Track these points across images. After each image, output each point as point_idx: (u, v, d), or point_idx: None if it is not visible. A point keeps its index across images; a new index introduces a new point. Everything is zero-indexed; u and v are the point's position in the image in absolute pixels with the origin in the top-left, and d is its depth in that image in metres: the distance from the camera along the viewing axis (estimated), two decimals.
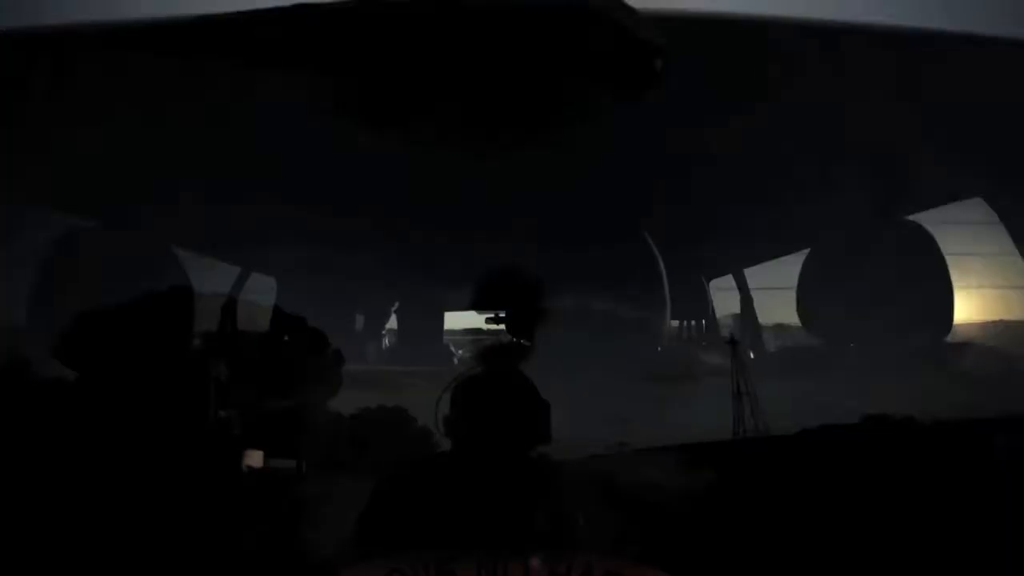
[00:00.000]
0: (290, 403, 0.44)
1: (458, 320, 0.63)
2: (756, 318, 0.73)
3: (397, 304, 0.67)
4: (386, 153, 0.48)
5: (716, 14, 0.48)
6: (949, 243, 0.58)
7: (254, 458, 0.41)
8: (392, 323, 0.69)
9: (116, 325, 0.43)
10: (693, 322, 0.74)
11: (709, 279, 0.77)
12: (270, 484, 0.42)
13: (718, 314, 0.76)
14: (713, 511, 0.43)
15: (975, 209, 0.58)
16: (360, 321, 0.68)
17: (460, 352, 0.59)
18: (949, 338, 0.59)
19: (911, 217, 0.61)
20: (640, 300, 0.56)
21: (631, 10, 0.36)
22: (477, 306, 0.55)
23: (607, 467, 0.43)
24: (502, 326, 0.52)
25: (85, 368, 0.42)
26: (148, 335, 0.44)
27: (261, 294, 0.55)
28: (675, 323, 0.67)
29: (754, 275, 0.76)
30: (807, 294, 0.63)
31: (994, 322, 0.62)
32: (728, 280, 0.78)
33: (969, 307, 0.59)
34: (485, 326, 0.55)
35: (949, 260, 0.57)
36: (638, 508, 0.43)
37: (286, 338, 0.48)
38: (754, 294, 0.76)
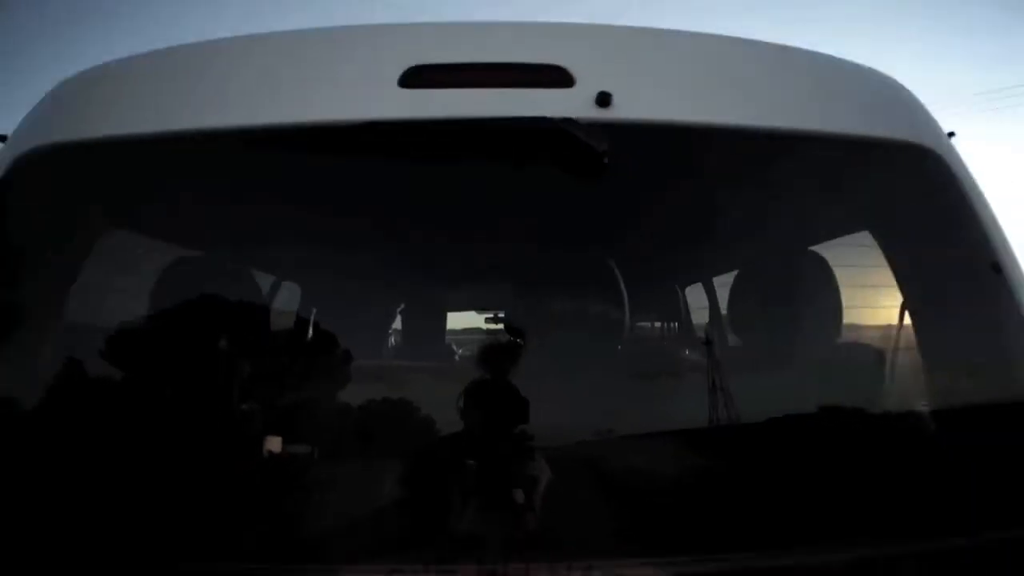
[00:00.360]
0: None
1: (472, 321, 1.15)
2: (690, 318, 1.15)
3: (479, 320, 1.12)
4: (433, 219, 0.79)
5: (648, 122, 0.70)
6: (837, 267, 0.86)
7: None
8: (450, 322, 1.31)
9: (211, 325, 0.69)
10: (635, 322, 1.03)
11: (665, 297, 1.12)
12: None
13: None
14: (661, 454, 0.64)
15: (859, 242, 0.84)
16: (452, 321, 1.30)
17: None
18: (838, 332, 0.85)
19: (812, 248, 0.91)
20: (602, 308, 0.86)
21: (581, 125, 0.63)
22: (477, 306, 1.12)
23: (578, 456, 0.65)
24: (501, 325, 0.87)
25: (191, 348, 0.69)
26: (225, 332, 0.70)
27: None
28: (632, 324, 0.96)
29: (721, 284, 1.06)
30: (736, 304, 0.95)
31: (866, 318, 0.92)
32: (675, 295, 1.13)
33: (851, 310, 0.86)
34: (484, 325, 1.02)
35: (837, 273, 0.85)
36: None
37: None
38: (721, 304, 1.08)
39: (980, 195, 0.75)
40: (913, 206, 0.77)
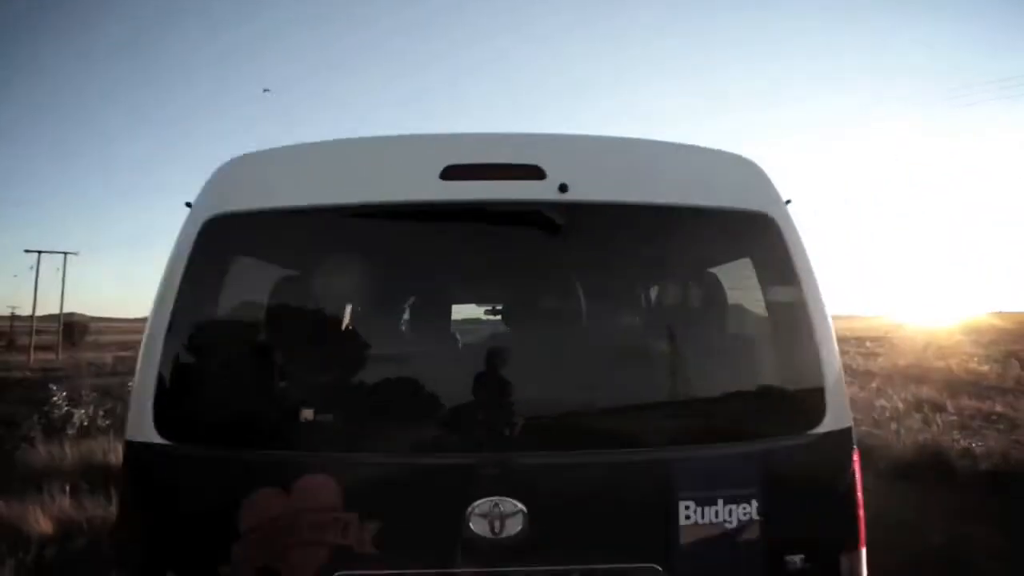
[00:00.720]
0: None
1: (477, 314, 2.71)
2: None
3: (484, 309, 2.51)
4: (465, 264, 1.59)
5: (590, 201, 1.20)
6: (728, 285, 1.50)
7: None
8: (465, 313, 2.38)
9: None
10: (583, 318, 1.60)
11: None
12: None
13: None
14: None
15: (739, 268, 1.41)
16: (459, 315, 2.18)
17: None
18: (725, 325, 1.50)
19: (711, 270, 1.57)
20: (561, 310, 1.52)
21: (547, 205, 1.22)
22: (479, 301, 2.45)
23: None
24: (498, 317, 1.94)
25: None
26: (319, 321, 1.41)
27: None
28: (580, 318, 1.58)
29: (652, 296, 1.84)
30: (657, 311, 1.73)
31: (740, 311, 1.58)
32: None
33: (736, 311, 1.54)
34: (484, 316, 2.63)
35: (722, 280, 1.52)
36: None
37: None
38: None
39: (799, 244, 1.26)
40: (756, 249, 1.33)
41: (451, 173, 1.21)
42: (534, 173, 1.21)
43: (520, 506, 1.09)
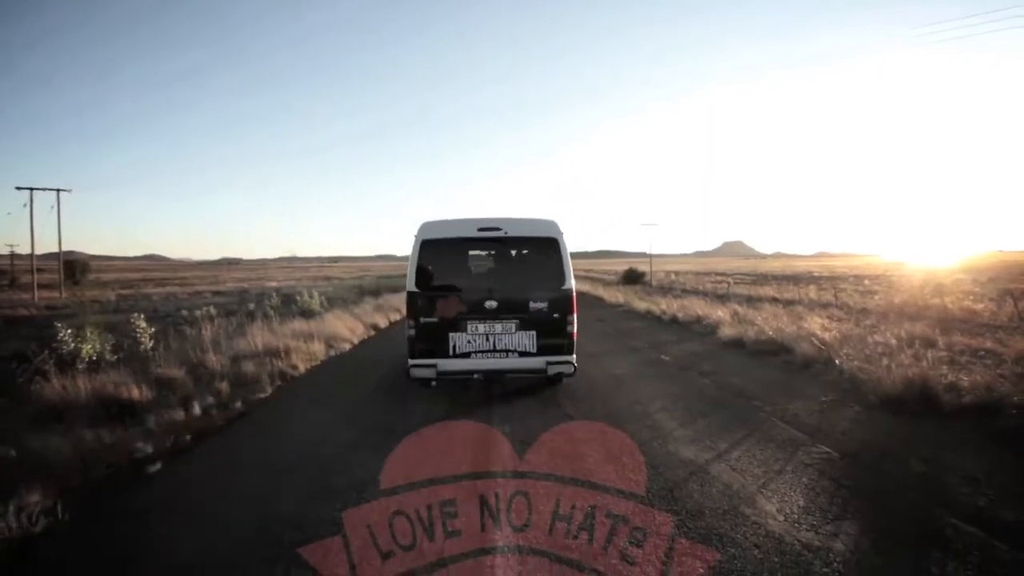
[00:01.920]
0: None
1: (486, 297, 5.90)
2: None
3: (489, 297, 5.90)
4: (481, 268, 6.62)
5: (510, 237, 5.98)
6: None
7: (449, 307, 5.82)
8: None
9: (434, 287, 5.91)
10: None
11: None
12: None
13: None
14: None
15: (547, 258, 6.02)
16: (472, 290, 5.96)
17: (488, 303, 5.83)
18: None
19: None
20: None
21: (503, 239, 5.99)
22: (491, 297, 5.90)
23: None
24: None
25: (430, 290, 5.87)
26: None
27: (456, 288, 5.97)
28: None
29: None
30: (521, 279, 6.22)
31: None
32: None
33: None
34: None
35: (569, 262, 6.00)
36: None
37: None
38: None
39: (565, 252, 5.84)
40: (548, 250, 5.90)
41: (479, 229, 5.84)
42: (499, 230, 5.82)
43: (495, 303, 5.72)
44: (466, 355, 5.73)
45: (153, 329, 8.66)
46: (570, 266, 5.81)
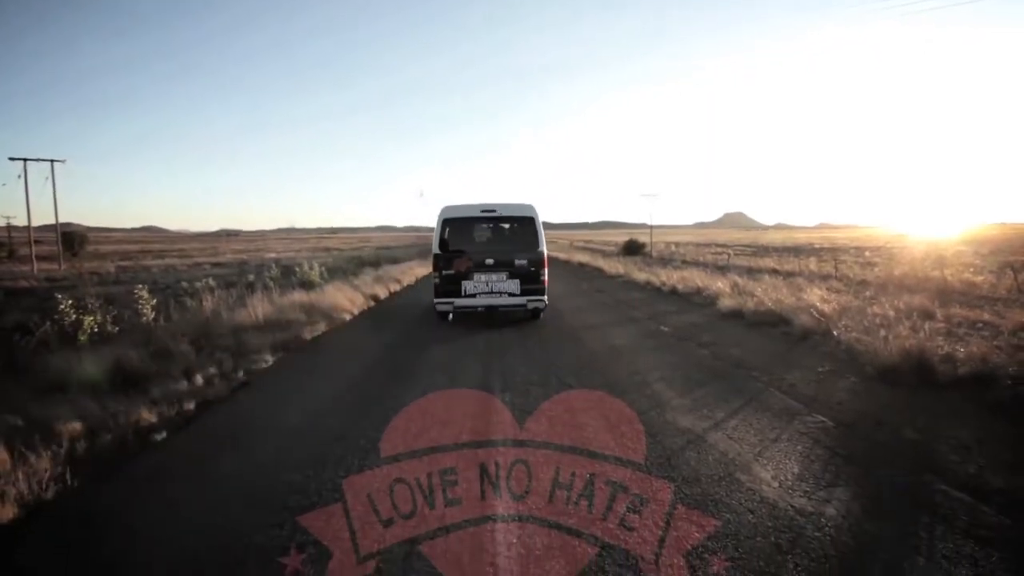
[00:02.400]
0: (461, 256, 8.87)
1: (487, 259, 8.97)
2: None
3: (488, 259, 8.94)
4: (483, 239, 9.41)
5: (502, 216, 9.12)
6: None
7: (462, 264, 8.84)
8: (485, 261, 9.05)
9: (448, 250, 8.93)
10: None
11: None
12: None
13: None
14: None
15: (529, 231, 9.08)
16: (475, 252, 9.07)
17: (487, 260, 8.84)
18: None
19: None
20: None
21: (497, 217, 9.21)
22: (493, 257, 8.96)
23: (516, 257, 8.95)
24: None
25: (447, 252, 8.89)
26: (447, 250, 8.90)
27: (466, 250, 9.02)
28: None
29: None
30: (514, 247, 9.26)
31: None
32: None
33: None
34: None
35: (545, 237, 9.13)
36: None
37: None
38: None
39: (539, 225, 8.84)
40: (527, 225, 8.92)
41: (482, 211, 8.85)
42: (495, 211, 8.86)
43: (492, 261, 8.74)
44: (472, 296, 8.76)
45: (155, 300, 8.68)
46: (543, 235, 8.90)
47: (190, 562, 2.60)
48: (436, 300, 8.83)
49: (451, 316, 9.10)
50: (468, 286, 8.68)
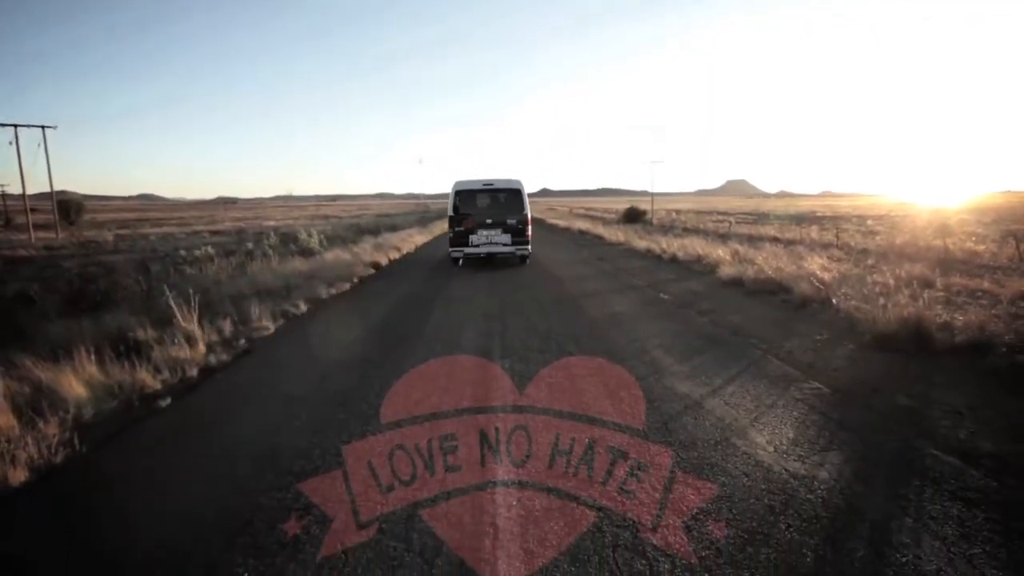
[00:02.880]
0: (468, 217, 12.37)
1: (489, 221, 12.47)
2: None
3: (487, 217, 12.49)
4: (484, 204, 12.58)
5: (497, 187, 12.41)
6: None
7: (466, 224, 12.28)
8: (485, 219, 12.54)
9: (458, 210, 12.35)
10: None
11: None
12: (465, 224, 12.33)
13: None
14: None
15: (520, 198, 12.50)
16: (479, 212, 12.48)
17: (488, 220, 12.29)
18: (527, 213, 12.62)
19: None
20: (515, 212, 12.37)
21: (496, 189, 12.40)
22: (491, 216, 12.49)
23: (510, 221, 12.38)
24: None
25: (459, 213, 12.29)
26: (458, 213, 12.31)
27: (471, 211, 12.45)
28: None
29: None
30: (509, 209, 12.75)
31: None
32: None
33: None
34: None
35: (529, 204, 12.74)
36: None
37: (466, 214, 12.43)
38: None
39: (525, 198, 12.23)
40: (515, 195, 12.24)
41: (483, 184, 12.19)
42: (492, 185, 12.18)
43: (491, 221, 12.15)
44: (477, 246, 12.15)
45: (156, 268, 8.68)
46: (527, 202, 12.28)
47: (198, 524, 2.67)
48: (451, 249, 12.38)
49: (460, 262, 12.56)
50: (473, 239, 12.11)
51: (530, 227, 12.30)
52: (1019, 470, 2.95)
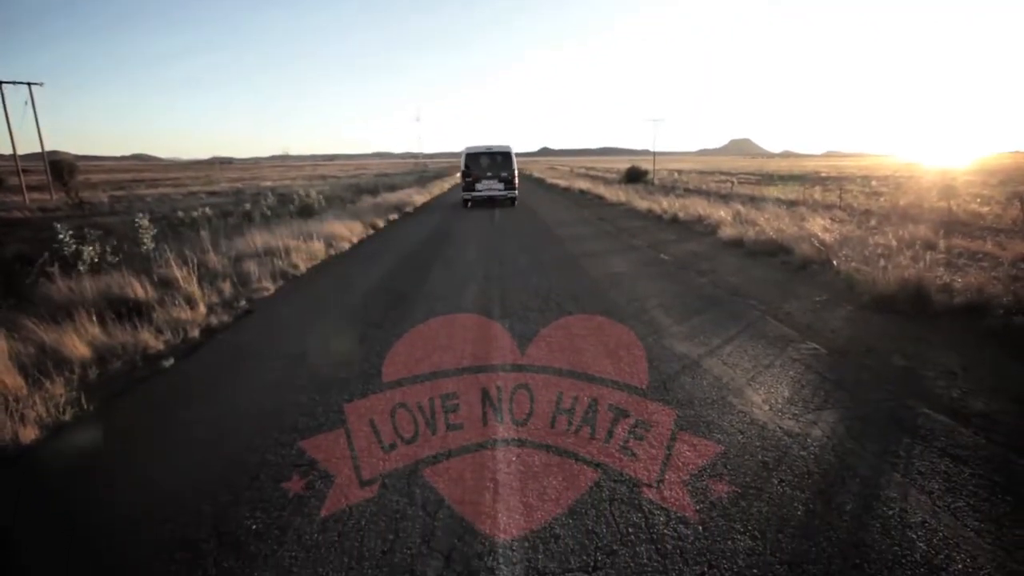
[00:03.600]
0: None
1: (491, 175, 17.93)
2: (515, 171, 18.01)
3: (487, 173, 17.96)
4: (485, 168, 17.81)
5: (494, 150, 17.82)
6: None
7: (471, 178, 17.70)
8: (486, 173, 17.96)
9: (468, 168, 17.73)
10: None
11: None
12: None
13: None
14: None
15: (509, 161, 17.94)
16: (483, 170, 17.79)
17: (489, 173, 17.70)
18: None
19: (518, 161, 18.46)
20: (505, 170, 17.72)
21: (498, 153, 17.69)
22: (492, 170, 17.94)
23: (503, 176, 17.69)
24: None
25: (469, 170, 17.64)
26: (468, 169, 17.67)
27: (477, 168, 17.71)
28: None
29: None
30: (504, 169, 18.43)
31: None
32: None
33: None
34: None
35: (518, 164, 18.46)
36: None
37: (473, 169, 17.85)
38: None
39: (513, 158, 17.50)
40: (507, 157, 17.46)
41: (485, 148, 17.42)
42: (492, 149, 17.42)
43: (490, 174, 17.44)
44: (480, 192, 17.24)
45: (155, 230, 8.61)
46: (515, 161, 17.37)
47: (205, 480, 2.75)
48: (463, 193, 17.63)
49: (469, 204, 17.60)
50: (478, 187, 17.25)
51: (517, 179, 17.54)
52: (1008, 428, 3.01)
